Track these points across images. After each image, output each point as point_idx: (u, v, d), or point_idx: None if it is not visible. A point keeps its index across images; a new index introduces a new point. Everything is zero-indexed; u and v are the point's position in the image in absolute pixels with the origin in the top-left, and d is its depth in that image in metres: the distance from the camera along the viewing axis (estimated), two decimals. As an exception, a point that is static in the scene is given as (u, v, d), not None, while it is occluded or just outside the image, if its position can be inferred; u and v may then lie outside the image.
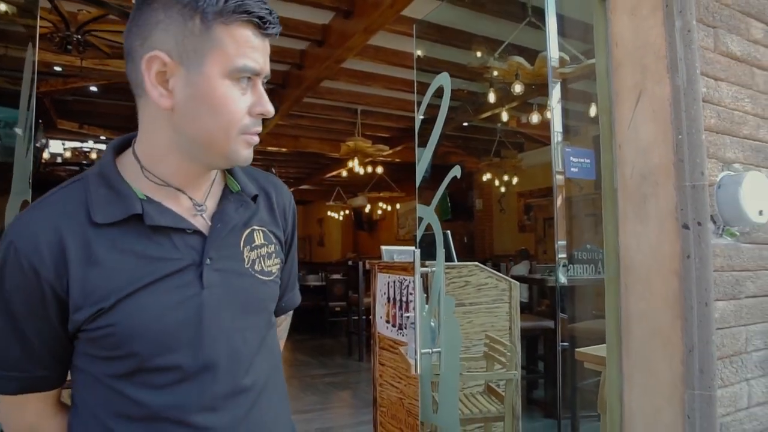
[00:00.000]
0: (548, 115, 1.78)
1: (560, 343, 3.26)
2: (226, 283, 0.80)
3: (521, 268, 6.10)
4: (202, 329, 0.77)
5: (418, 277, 1.73)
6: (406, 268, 2.16)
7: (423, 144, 1.96)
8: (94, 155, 8.09)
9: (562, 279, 2.54)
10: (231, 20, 0.71)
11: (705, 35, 1.59)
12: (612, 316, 1.70)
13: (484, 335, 2.58)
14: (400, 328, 2.31)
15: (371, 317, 2.95)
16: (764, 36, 1.77)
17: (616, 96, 1.69)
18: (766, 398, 1.66)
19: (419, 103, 1.95)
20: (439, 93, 1.95)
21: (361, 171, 7.70)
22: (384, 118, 7.33)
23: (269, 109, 0.78)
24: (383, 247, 2.65)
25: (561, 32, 2.28)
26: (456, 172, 1.73)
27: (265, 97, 0.77)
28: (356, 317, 6.55)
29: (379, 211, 12.38)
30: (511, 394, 2.43)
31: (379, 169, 8.41)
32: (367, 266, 2.96)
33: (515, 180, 7.88)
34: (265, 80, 0.79)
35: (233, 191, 0.86)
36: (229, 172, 0.88)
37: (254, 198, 0.88)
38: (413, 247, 1.94)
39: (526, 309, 4.78)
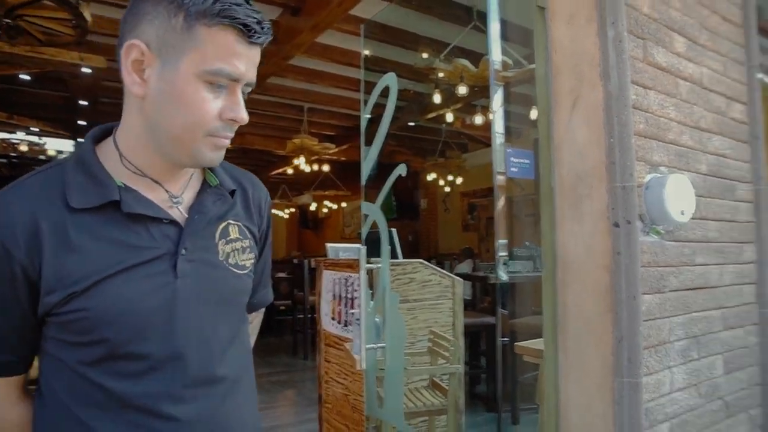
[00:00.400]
0: (495, 117, 1.85)
1: (500, 338, 3.37)
2: (199, 273, 0.81)
3: (465, 267, 6.23)
4: (174, 318, 0.77)
5: (363, 273, 1.75)
6: (352, 266, 2.18)
7: (369, 143, 1.99)
8: (24, 147, 7.66)
9: (503, 276, 2.63)
10: (214, 23, 0.72)
11: (635, 46, 1.70)
12: (549, 310, 1.79)
13: (428, 331, 2.64)
14: (346, 325, 2.33)
15: (316, 315, 2.95)
16: (686, 50, 1.90)
17: (555, 100, 1.77)
18: (685, 384, 1.79)
19: (366, 102, 1.98)
20: (385, 92, 1.98)
21: (307, 169, 7.65)
22: (331, 117, 7.32)
23: (242, 115, 0.77)
24: (328, 245, 2.66)
25: (505, 37, 2.36)
26: (401, 170, 1.77)
27: (241, 104, 0.77)
28: (301, 316, 6.51)
29: (325, 210, 12.34)
30: (454, 388, 2.49)
31: (326, 167, 8.39)
32: (313, 264, 2.96)
33: (459, 180, 8.04)
34: (249, 88, 0.79)
35: (211, 185, 0.87)
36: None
37: (232, 193, 0.89)
38: (359, 245, 1.96)
39: (469, 306, 4.89)
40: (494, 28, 1.83)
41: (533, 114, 2.40)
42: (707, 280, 1.93)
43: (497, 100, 1.85)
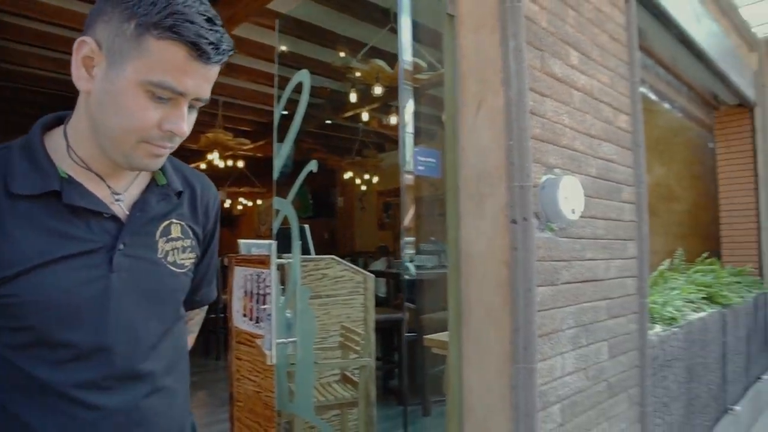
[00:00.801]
0: (404, 117, 1.92)
1: (409, 333, 3.48)
2: (136, 269, 0.82)
3: (380, 264, 6.33)
4: (106, 310, 0.78)
5: (274, 268, 1.76)
6: (264, 261, 2.18)
7: (283, 139, 2.00)
8: None
9: (412, 272, 2.72)
10: (164, 36, 0.71)
11: (533, 56, 1.83)
12: (453, 302, 1.88)
13: (340, 326, 2.68)
14: (258, 321, 2.32)
15: (228, 314, 2.91)
16: (579, 63, 2.07)
17: (461, 103, 1.87)
18: (575, 368, 1.95)
19: (279, 98, 1.99)
20: (300, 89, 2.00)
21: (222, 164, 7.45)
22: (247, 112, 7.16)
23: (182, 129, 0.77)
24: (240, 241, 2.63)
25: (421, 40, 2.44)
26: (312, 166, 1.80)
27: (182, 117, 0.77)
28: (214, 315, 6.33)
29: (240, 207, 12.06)
30: (364, 381, 2.55)
31: (240, 163, 8.20)
32: (226, 262, 2.91)
33: (376, 179, 8.15)
34: (201, 103, 0.79)
35: (159, 184, 0.88)
36: None
37: (179, 194, 0.90)
38: (271, 241, 1.96)
39: (384, 303, 4.98)
40: (405, 29, 1.90)
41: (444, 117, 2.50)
42: (595, 274, 2.11)
43: (406, 100, 1.92)
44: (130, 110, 0.74)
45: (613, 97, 2.30)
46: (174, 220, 0.89)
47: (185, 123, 0.78)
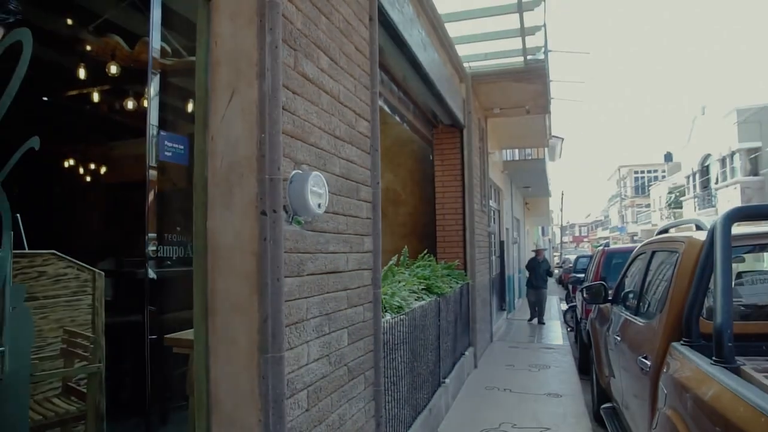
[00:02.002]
0: (145, 103, 1.77)
1: (150, 336, 3.22)
2: None
3: (109, 264, 5.70)
4: None
5: (-23, 263, 1.45)
6: (-41, 258, 1.77)
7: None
8: None
9: (151, 271, 2.54)
10: None
11: (288, 54, 1.88)
12: (199, 296, 1.82)
13: (62, 332, 2.33)
14: (-53, 332, 1.87)
15: None
16: (329, 67, 2.20)
17: (213, 91, 1.82)
18: (319, 355, 2.06)
19: (-12, 61, 1.65)
20: (15, 55, 1.69)
21: None
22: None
23: None
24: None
25: (167, 24, 2.28)
26: (34, 143, 1.54)
27: None
28: None
29: None
30: (93, 390, 2.27)
31: None
32: None
33: (104, 169, 7.31)
34: None
35: None
36: None
37: None
38: (-29, 232, 1.62)
39: (117, 305, 4.50)
40: (155, 8, 1.77)
41: (191, 107, 2.40)
42: (337, 266, 2.27)
43: (154, 86, 1.79)
44: None
45: (356, 103, 2.51)
46: None
47: None
